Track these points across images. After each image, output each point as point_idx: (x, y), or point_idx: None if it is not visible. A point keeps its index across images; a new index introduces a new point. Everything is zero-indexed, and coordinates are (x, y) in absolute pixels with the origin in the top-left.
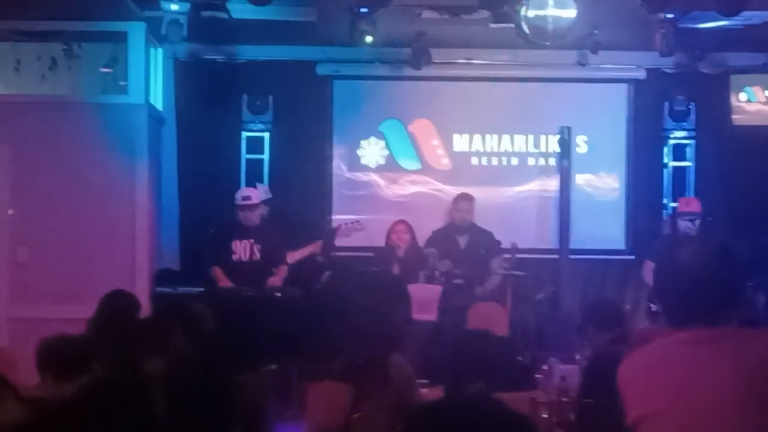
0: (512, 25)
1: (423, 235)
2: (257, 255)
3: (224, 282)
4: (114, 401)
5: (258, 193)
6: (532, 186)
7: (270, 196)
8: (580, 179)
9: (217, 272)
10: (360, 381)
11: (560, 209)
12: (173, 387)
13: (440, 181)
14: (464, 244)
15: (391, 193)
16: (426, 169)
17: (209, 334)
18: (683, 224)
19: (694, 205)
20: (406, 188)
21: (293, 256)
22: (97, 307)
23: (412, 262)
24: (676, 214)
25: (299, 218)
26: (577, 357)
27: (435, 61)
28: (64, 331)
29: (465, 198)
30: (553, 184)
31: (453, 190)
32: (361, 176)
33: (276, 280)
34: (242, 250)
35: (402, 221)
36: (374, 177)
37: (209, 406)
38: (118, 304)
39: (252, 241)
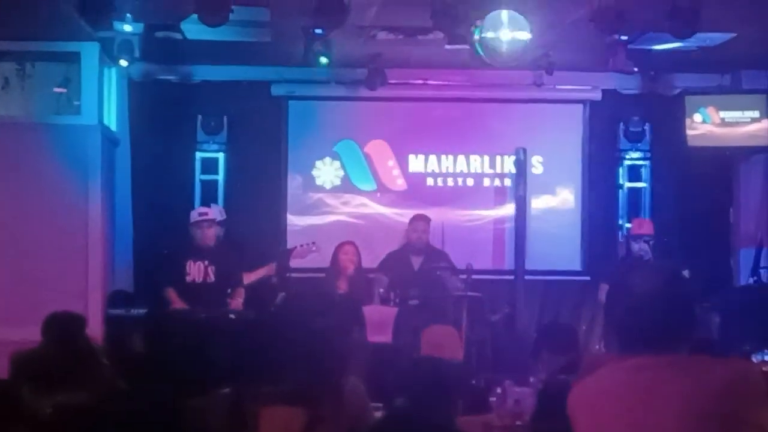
0: (467, 46)
1: (378, 256)
2: (212, 277)
3: (177, 304)
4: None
5: (214, 211)
6: (488, 207)
7: (225, 217)
8: (535, 200)
9: (171, 294)
10: (313, 404)
11: (516, 231)
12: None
13: (396, 201)
14: (418, 265)
15: (346, 214)
16: (381, 190)
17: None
18: (636, 246)
19: (646, 227)
20: (361, 209)
21: (248, 278)
22: (42, 329)
23: (358, 283)
24: (629, 236)
25: (254, 239)
26: (532, 380)
27: (390, 81)
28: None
29: (421, 219)
30: (508, 205)
31: (408, 212)
32: (316, 197)
33: (238, 303)
34: (196, 271)
35: (350, 243)
36: (329, 198)
37: None
38: (62, 324)
39: (206, 262)
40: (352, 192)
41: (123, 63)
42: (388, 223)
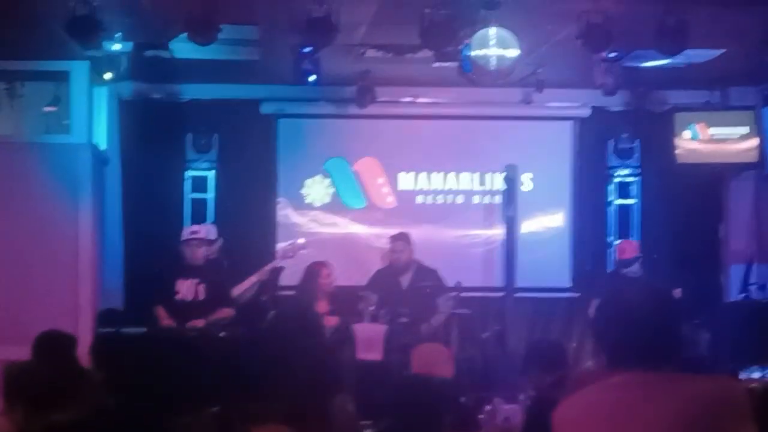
0: (456, 64)
1: (368, 273)
2: (201, 295)
3: (166, 322)
4: None
5: (205, 230)
6: (478, 224)
7: (216, 236)
8: (525, 217)
9: (160, 312)
10: (302, 423)
11: (506, 248)
12: None
13: (385, 219)
14: (406, 283)
15: (336, 231)
16: (371, 208)
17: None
18: (624, 269)
19: (629, 252)
20: (351, 226)
21: (240, 287)
22: (32, 348)
23: (342, 301)
24: (617, 262)
25: (244, 256)
26: (521, 397)
27: (380, 99)
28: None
29: (398, 238)
30: (498, 222)
31: (398, 229)
32: (306, 215)
33: (200, 322)
34: (186, 289)
35: (323, 264)
36: (319, 215)
37: None
38: (52, 343)
39: (197, 280)
40: (342, 209)
41: (107, 76)
42: (377, 240)
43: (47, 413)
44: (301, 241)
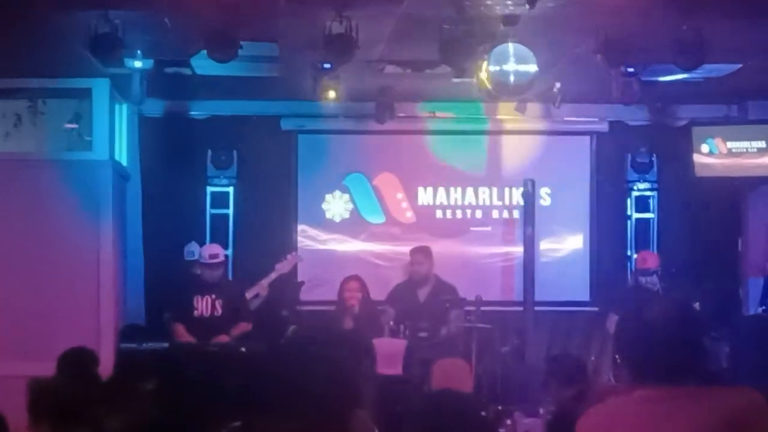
0: (474, 79)
1: (388, 288)
2: (219, 310)
3: (184, 338)
4: None
5: (223, 252)
6: (497, 238)
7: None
8: (543, 231)
9: (179, 329)
10: None
11: (525, 262)
12: None
13: (405, 234)
14: (424, 296)
15: (355, 246)
16: (390, 223)
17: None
18: (644, 279)
19: (650, 262)
20: (370, 242)
21: (251, 292)
22: (57, 364)
23: (366, 318)
24: (636, 270)
25: (263, 272)
26: (541, 411)
27: (399, 115)
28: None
29: (418, 250)
30: (517, 236)
31: (417, 243)
32: (325, 230)
33: (224, 337)
34: (204, 306)
35: (354, 278)
36: (339, 231)
37: None
38: (77, 360)
39: (213, 296)
40: (362, 225)
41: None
42: (397, 255)
43: (72, 428)
44: (295, 254)
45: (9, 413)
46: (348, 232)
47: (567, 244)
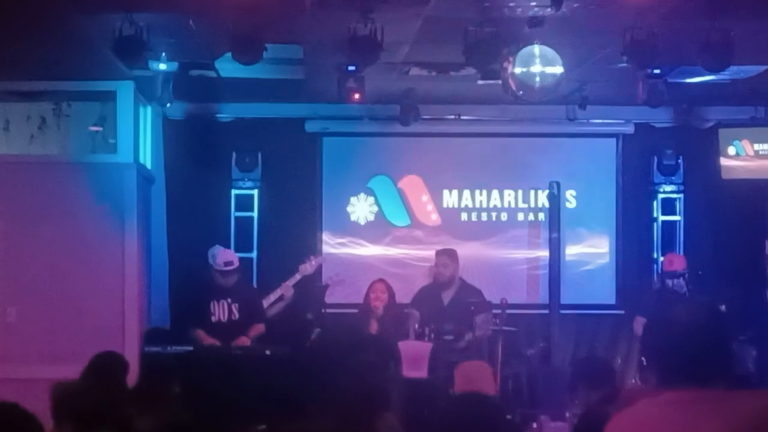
0: (500, 81)
1: (413, 291)
2: (236, 314)
3: (207, 340)
4: None
5: (236, 257)
6: (522, 241)
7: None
8: (569, 234)
9: (200, 334)
10: None
11: (550, 265)
12: None
13: (429, 237)
14: (448, 299)
15: (380, 249)
16: (415, 225)
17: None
18: (671, 282)
19: (677, 264)
20: (395, 244)
21: (275, 294)
22: (85, 368)
23: (391, 321)
24: (662, 272)
25: (289, 275)
26: (568, 414)
27: (424, 117)
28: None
29: (443, 253)
30: (542, 239)
31: (442, 246)
32: (350, 233)
33: (245, 339)
34: (220, 310)
35: (380, 280)
36: (364, 233)
37: None
38: (106, 365)
39: (229, 300)
40: (386, 228)
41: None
42: (422, 258)
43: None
44: (318, 256)
45: None
46: (372, 235)
47: (593, 247)
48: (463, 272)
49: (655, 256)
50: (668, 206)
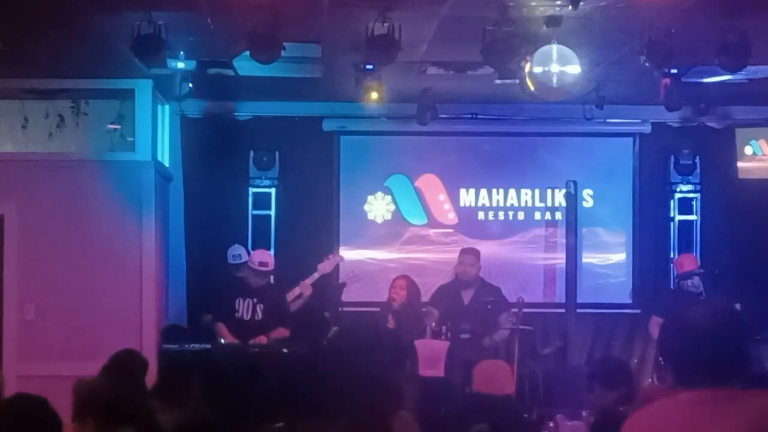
0: (517, 80)
1: (430, 289)
2: (260, 315)
3: (228, 338)
4: None
5: (272, 260)
6: (539, 240)
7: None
8: (586, 233)
9: (221, 329)
10: None
11: (567, 264)
12: None
13: (447, 235)
14: (468, 298)
15: (397, 248)
16: (432, 224)
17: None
18: (687, 282)
19: (688, 264)
20: (412, 243)
21: (293, 292)
22: (105, 366)
23: (408, 317)
24: (677, 276)
25: (306, 274)
26: (584, 414)
27: (441, 116)
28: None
29: (469, 252)
30: (559, 238)
31: (459, 246)
32: (367, 231)
33: (262, 338)
34: (245, 308)
35: (403, 276)
36: (381, 232)
37: None
38: (126, 363)
39: (255, 300)
40: (404, 226)
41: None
42: (439, 257)
43: (118, 426)
44: (336, 254)
45: None
46: (390, 234)
47: (609, 246)
48: (481, 271)
49: (671, 255)
50: (685, 206)
